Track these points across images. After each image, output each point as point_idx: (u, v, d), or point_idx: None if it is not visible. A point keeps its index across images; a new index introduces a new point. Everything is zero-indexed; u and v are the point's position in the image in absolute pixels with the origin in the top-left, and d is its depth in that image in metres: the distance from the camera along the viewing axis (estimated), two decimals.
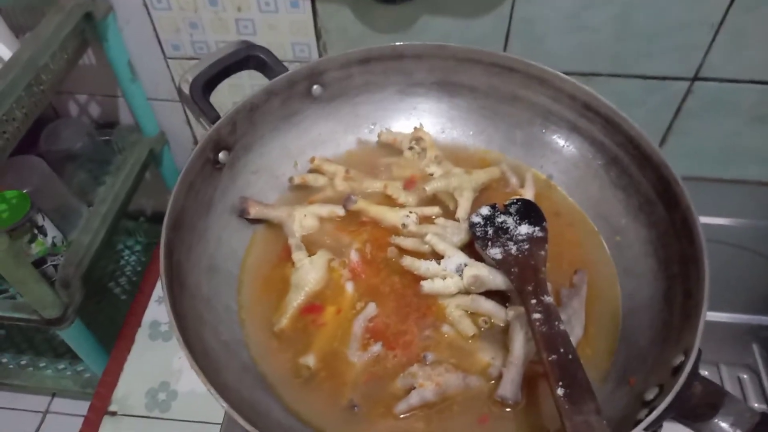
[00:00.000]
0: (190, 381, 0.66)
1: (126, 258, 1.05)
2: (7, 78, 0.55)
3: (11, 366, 0.92)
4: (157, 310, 0.72)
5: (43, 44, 0.60)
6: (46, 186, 0.73)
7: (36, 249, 0.67)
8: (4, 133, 0.57)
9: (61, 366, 0.92)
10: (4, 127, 0.56)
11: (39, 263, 0.69)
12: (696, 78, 0.71)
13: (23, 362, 0.93)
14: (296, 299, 0.46)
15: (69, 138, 0.78)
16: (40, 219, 0.68)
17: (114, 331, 0.93)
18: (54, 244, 0.70)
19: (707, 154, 0.80)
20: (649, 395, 0.36)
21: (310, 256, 0.48)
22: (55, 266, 0.70)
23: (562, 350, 0.36)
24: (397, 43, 0.54)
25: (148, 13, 0.71)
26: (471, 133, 0.57)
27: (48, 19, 0.62)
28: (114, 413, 0.63)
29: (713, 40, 0.67)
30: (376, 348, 0.43)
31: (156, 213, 1.04)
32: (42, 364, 0.92)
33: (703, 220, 0.41)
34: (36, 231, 0.67)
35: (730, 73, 0.71)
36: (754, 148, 0.78)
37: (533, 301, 0.40)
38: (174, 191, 0.44)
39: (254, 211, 0.50)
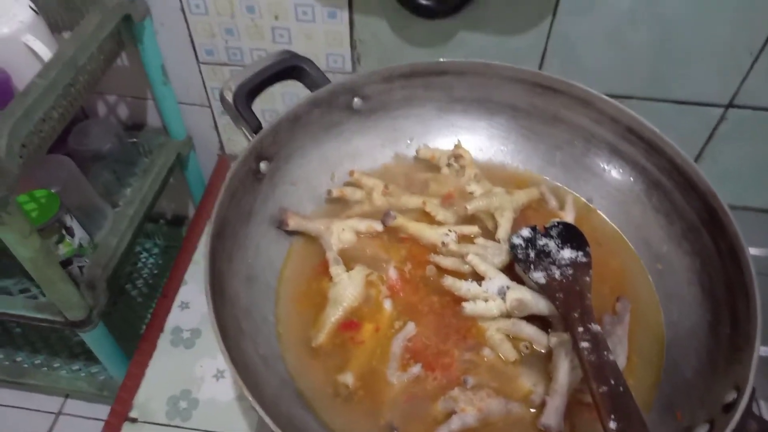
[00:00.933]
0: (211, 390, 0.65)
1: (144, 260, 1.04)
2: (48, 78, 0.55)
3: (26, 365, 0.92)
4: (180, 315, 0.72)
5: (83, 45, 0.60)
6: (74, 186, 0.73)
7: (63, 250, 0.67)
8: (41, 132, 0.56)
9: (76, 367, 0.92)
10: (41, 127, 0.56)
11: (65, 264, 0.68)
12: (731, 105, 0.71)
13: (37, 362, 0.92)
14: (334, 314, 0.45)
15: (97, 138, 0.78)
16: (68, 220, 0.67)
17: (129, 332, 0.93)
18: (81, 246, 0.69)
19: (739, 181, 0.79)
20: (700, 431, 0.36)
21: (347, 270, 0.47)
22: (80, 267, 0.70)
23: (613, 381, 0.36)
24: (441, 59, 0.54)
25: (185, 17, 0.71)
26: (510, 152, 0.57)
27: (88, 19, 0.62)
28: (134, 420, 0.62)
29: (752, 66, 0.67)
30: (416, 369, 0.42)
31: (176, 216, 1.04)
32: (56, 365, 0.92)
33: (759, 252, 0.40)
34: (64, 231, 0.67)
35: (766, 102, 0.70)
36: None
37: (580, 329, 0.39)
38: (218, 200, 0.43)
39: (293, 223, 0.50)
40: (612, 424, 0.34)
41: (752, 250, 0.68)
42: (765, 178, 0.77)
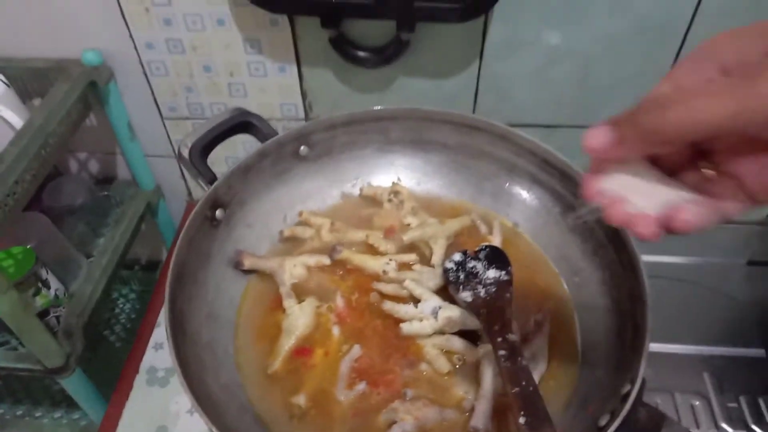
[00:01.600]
0: (186, 424, 0.69)
1: (121, 306, 1.08)
2: (20, 146, 0.60)
3: (8, 417, 0.94)
4: (154, 356, 0.76)
5: (52, 112, 0.65)
6: (49, 240, 0.77)
7: (40, 301, 0.71)
8: (15, 194, 0.61)
9: (57, 414, 0.94)
10: (15, 189, 0.61)
11: (42, 315, 0.72)
12: None
13: (19, 413, 0.95)
14: (287, 343, 0.50)
15: (71, 194, 0.83)
16: (43, 273, 0.72)
17: (109, 377, 0.96)
18: (56, 296, 0.74)
19: None
20: (602, 421, 0.41)
21: (299, 302, 0.53)
22: (57, 317, 0.74)
23: (524, 383, 0.41)
24: (376, 107, 0.60)
25: (147, 79, 0.77)
26: (444, 185, 0.63)
27: (56, 87, 0.68)
28: None
29: None
30: (361, 386, 0.47)
31: (150, 261, 1.08)
32: (38, 414, 0.94)
33: (659, 258, 0.46)
34: (40, 284, 0.71)
35: None
36: None
37: (499, 340, 0.45)
38: (176, 248, 0.48)
39: (248, 263, 0.55)
40: (521, 419, 0.39)
41: (675, 258, 0.75)
42: None
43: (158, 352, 0.76)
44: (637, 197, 0.30)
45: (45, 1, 0.69)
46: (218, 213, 0.54)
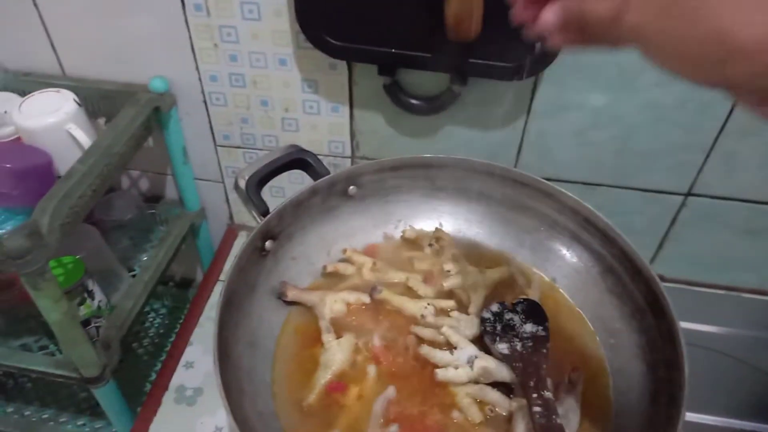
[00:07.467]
0: None
1: (151, 320, 1.10)
2: (87, 164, 0.64)
3: (34, 419, 0.96)
4: (185, 374, 0.77)
5: (118, 134, 0.69)
6: (97, 253, 0.80)
7: (84, 311, 0.74)
8: (76, 208, 0.65)
9: (81, 422, 0.96)
10: (77, 204, 0.65)
11: (84, 324, 0.75)
12: (689, 194, 0.79)
13: (45, 416, 0.97)
14: (323, 377, 0.52)
15: (121, 210, 0.87)
16: (90, 284, 0.75)
17: (134, 390, 0.98)
18: (99, 307, 0.76)
19: (701, 261, 0.86)
20: None
21: (337, 338, 0.54)
22: (97, 327, 0.77)
23: None
24: (425, 155, 0.62)
25: (206, 108, 0.81)
26: (485, 234, 0.65)
27: (124, 111, 0.72)
28: None
29: (705, 162, 0.75)
30: (393, 429, 0.48)
31: (184, 279, 1.11)
32: (63, 419, 0.96)
33: (696, 326, 0.47)
34: (86, 295, 0.74)
35: (720, 191, 0.78)
36: (745, 258, 0.84)
37: (534, 395, 0.45)
38: (228, 276, 0.51)
39: (291, 294, 0.57)
40: None
41: (711, 328, 0.75)
42: (725, 259, 0.84)
43: (188, 370, 0.78)
44: None
45: (121, 28, 0.74)
46: (268, 244, 0.56)
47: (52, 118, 0.69)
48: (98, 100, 0.79)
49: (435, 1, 0.56)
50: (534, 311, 0.54)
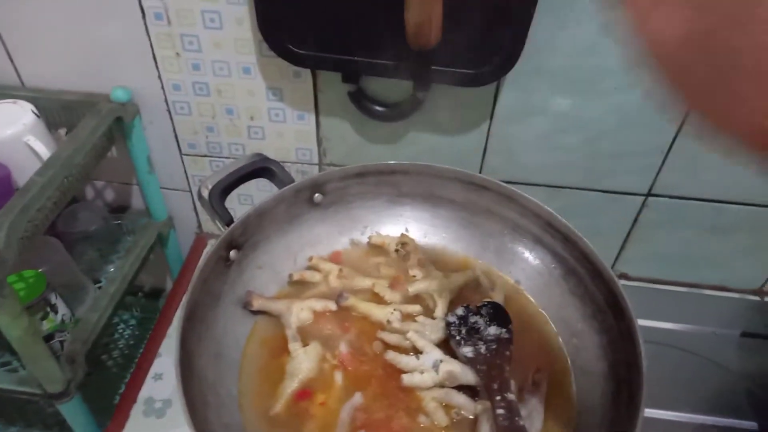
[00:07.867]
0: None
1: (120, 331, 1.09)
2: (46, 176, 0.63)
3: None
4: (153, 386, 0.76)
5: (79, 145, 0.68)
6: (60, 265, 0.79)
7: (47, 326, 0.72)
8: (36, 221, 0.63)
9: None
10: (36, 216, 0.63)
11: (47, 339, 0.73)
12: (649, 194, 0.81)
13: None
14: (290, 386, 0.52)
15: (85, 221, 0.85)
16: (53, 297, 0.73)
17: (104, 404, 0.96)
18: (63, 321, 0.75)
19: (665, 260, 0.88)
20: None
21: (304, 346, 0.54)
22: (61, 342, 0.75)
23: None
24: (390, 162, 0.63)
25: (171, 117, 0.80)
26: (450, 239, 0.65)
27: (85, 122, 0.71)
28: None
29: (663, 163, 0.77)
30: None
31: (154, 289, 1.10)
32: None
33: (659, 324, 0.48)
34: (48, 309, 0.72)
35: (682, 191, 0.80)
36: (708, 256, 0.87)
37: (498, 398, 0.46)
38: (190, 287, 0.50)
39: (257, 304, 0.57)
40: None
41: (674, 325, 0.77)
42: (688, 257, 0.87)
43: (157, 382, 0.77)
44: None
45: (80, 38, 0.73)
46: (232, 254, 0.56)
47: (9, 130, 0.68)
48: (58, 111, 0.78)
49: (396, 9, 0.56)
50: (498, 314, 0.55)
